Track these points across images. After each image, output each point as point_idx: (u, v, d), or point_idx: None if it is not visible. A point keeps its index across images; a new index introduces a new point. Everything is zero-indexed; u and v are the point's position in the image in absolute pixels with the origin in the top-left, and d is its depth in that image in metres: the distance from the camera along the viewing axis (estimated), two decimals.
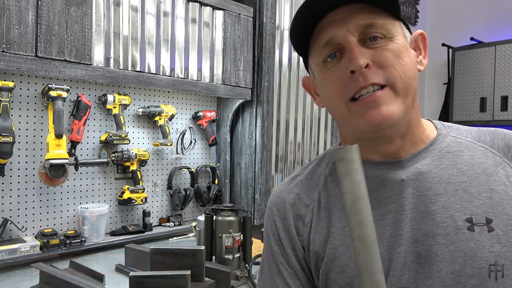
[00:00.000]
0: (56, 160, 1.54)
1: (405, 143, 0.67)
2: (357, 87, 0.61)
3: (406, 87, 0.62)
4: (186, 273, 1.09)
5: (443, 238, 0.60)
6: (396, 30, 0.64)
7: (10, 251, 1.44)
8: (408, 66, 0.63)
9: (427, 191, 0.63)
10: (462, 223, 0.60)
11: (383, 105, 0.60)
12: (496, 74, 3.21)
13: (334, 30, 0.63)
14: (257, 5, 2.14)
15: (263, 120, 2.16)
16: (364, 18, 0.62)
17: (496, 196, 0.61)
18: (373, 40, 0.62)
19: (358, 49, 0.61)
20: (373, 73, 0.61)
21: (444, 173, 0.64)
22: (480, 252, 0.58)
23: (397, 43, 0.63)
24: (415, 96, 0.66)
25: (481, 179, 0.63)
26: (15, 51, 1.34)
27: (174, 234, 1.96)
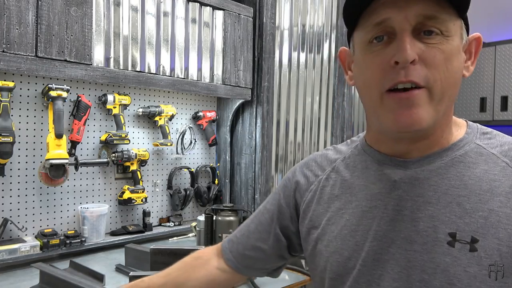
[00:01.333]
0: (56, 160, 1.54)
1: (421, 146, 0.64)
2: (395, 79, 0.58)
3: (442, 93, 0.59)
4: None
5: (420, 246, 0.60)
6: (455, 30, 0.60)
7: (10, 251, 1.44)
8: (453, 71, 0.59)
9: (417, 197, 0.62)
10: (444, 236, 0.58)
11: (416, 107, 0.58)
12: (496, 74, 3.21)
13: (391, 13, 0.58)
14: (257, 5, 2.14)
15: (263, 120, 2.16)
16: (427, 8, 0.57)
17: (493, 218, 0.57)
18: (428, 34, 0.58)
19: (410, 40, 0.57)
20: (416, 70, 0.57)
21: (444, 182, 0.62)
22: (453, 268, 0.57)
23: (451, 44, 0.59)
24: (450, 103, 0.62)
25: (483, 196, 0.59)
26: (15, 51, 1.34)
27: (174, 234, 1.96)
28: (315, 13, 2.45)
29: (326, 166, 0.77)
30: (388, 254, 0.62)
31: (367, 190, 0.68)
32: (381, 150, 0.69)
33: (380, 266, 0.63)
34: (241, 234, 0.86)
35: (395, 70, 0.58)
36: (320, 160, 0.79)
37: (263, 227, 0.83)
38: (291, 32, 2.32)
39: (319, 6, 2.47)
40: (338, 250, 0.68)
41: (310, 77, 2.45)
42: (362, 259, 0.65)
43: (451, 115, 0.65)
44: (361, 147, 0.74)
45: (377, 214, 0.65)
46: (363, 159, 0.71)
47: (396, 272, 0.61)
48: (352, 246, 0.66)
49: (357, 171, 0.71)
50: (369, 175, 0.69)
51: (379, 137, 0.69)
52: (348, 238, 0.67)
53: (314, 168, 0.79)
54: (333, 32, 2.54)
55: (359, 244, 0.66)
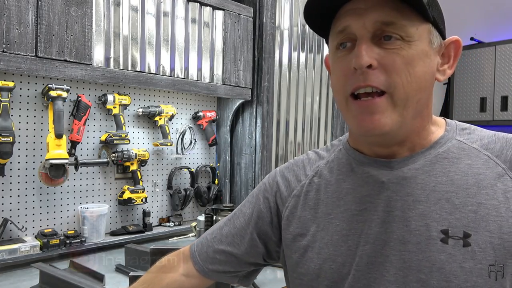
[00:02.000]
0: (56, 160, 1.54)
1: (401, 148, 0.65)
2: (355, 84, 0.60)
3: (406, 98, 0.59)
4: None
5: (414, 246, 0.60)
6: (419, 34, 0.59)
7: (10, 251, 1.44)
8: (417, 75, 0.59)
9: (407, 197, 0.62)
10: (436, 234, 0.59)
11: (377, 113, 0.59)
12: (496, 74, 3.21)
13: (351, 20, 0.60)
14: (257, 5, 2.14)
15: (263, 120, 2.16)
16: (384, 15, 0.58)
17: (483, 211, 0.58)
18: (387, 40, 0.58)
19: (366, 46, 0.58)
20: (375, 75, 0.58)
21: (431, 180, 0.62)
22: (449, 265, 0.57)
23: (413, 49, 0.59)
24: (421, 107, 0.62)
25: (470, 190, 0.60)
26: (15, 51, 1.34)
27: (174, 234, 1.96)
28: None
29: (309, 171, 0.75)
30: (382, 256, 0.62)
31: (355, 193, 0.67)
32: (364, 152, 0.69)
33: (375, 269, 0.62)
34: (212, 237, 0.81)
35: (356, 75, 0.59)
36: (302, 164, 0.78)
37: (237, 231, 0.79)
38: (291, 32, 2.32)
39: None
40: (331, 256, 0.67)
41: (310, 77, 2.45)
42: (356, 263, 0.64)
43: (426, 118, 0.65)
44: (345, 150, 0.73)
45: (368, 217, 0.64)
46: (347, 162, 0.71)
47: (392, 274, 0.61)
48: (345, 252, 0.65)
49: (342, 175, 0.71)
50: (355, 178, 0.68)
51: (360, 139, 0.70)
52: (340, 244, 0.66)
53: (296, 172, 0.77)
54: None
55: (352, 249, 0.65)
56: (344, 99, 0.63)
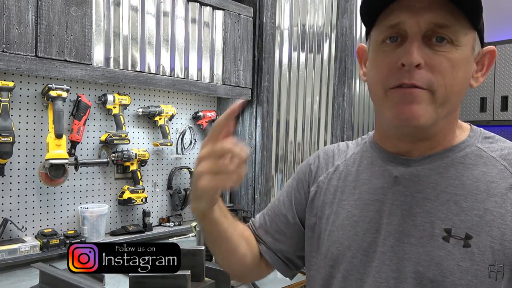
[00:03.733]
0: (56, 160, 1.54)
1: (423, 146, 0.68)
2: (400, 80, 0.61)
3: (445, 99, 0.61)
4: (186, 273, 1.09)
5: (416, 239, 0.63)
6: (466, 40, 0.61)
7: (10, 251, 1.44)
8: (458, 80, 0.61)
9: (417, 193, 0.65)
10: (439, 231, 0.62)
11: (416, 103, 0.60)
12: (496, 74, 3.21)
13: (405, 16, 0.60)
14: (257, 5, 2.14)
15: (263, 120, 2.16)
16: (440, 16, 0.59)
17: (488, 217, 0.60)
18: (439, 41, 0.60)
19: (418, 45, 0.59)
20: (420, 74, 0.60)
21: (443, 181, 0.65)
22: (447, 262, 0.60)
23: (460, 54, 0.60)
24: (453, 109, 0.65)
25: (479, 196, 0.62)
26: (15, 51, 1.34)
27: (174, 234, 1.96)
28: (315, 13, 2.44)
29: (337, 160, 0.80)
30: (386, 246, 0.65)
31: (370, 184, 0.71)
32: (386, 148, 0.72)
33: (377, 257, 0.66)
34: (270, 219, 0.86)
35: (401, 71, 0.60)
36: (332, 153, 0.83)
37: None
38: (291, 32, 2.32)
39: (319, 6, 2.47)
40: (339, 239, 0.71)
41: (310, 77, 2.45)
42: (362, 249, 0.68)
43: (455, 120, 0.68)
44: (369, 144, 0.77)
45: (379, 207, 0.68)
46: (369, 155, 0.75)
47: (394, 263, 0.64)
48: (352, 236, 0.69)
49: (362, 166, 0.75)
50: (373, 171, 0.72)
51: (385, 135, 0.73)
52: (349, 229, 0.70)
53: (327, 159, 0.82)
54: (333, 32, 2.54)
55: (359, 235, 0.69)
56: (383, 91, 0.64)
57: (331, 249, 0.72)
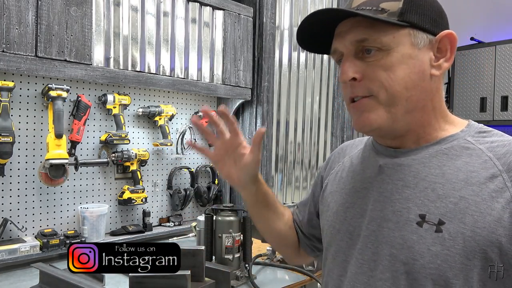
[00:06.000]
0: (56, 160, 1.54)
1: (406, 140, 0.71)
2: (348, 95, 0.70)
3: (391, 98, 0.66)
4: (186, 273, 1.09)
5: (393, 224, 0.67)
6: (397, 41, 0.65)
7: (10, 251, 1.44)
8: (399, 78, 0.65)
9: (398, 181, 0.69)
10: (414, 217, 0.65)
11: (365, 112, 0.68)
12: (496, 74, 3.21)
13: (336, 43, 0.70)
14: (257, 5, 2.14)
15: (263, 120, 2.16)
16: (358, 33, 0.66)
17: (462, 204, 0.62)
18: (368, 53, 0.66)
19: (348, 62, 0.67)
20: (359, 86, 0.67)
21: (424, 170, 0.68)
22: (418, 246, 0.63)
23: (393, 56, 0.65)
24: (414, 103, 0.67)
25: (457, 184, 0.64)
26: (15, 51, 1.34)
27: (174, 234, 1.96)
28: None
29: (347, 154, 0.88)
30: (368, 230, 0.71)
31: (362, 173, 0.78)
32: (380, 142, 0.77)
33: (360, 240, 0.72)
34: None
35: (347, 87, 0.70)
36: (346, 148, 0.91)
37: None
38: (291, 32, 2.32)
39: (319, 6, 2.47)
40: (332, 223, 0.79)
41: (310, 77, 2.45)
42: (349, 232, 0.75)
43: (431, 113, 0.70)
44: (370, 141, 0.83)
45: (366, 194, 0.74)
46: (368, 149, 0.81)
47: (374, 247, 0.69)
48: (342, 221, 0.77)
49: (360, 159, 0.81)
50: (366, 162, 0.79)
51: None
52: (341, 214, 0.78)
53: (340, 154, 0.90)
54: None
55: (347, 219, 0.76)
56: (348, 105, 0.73)
57: (327, 233, 0.80)
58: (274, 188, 2.30)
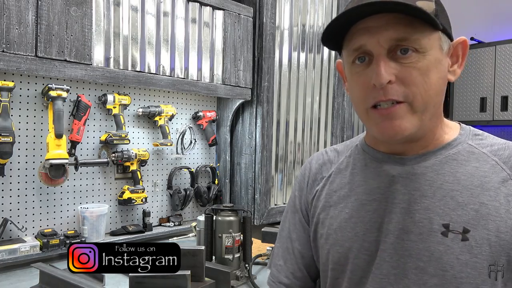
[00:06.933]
0: (56, 160, 1.54)
1: (415, 145, 0.70)
2: (376, 99, 0.64)
3: (425, 105, 0.63)
4: (186, 273, 1.09)
5: (416, 236, 0.65)
6: (431, 44, 0.63)
7: (10, 251, 1.44)
8: (433, 83, 0.63)
9: (414, 191, 0.67)
10: (438, 227, 0.63)
11: (397, 119, 0.63)
12: (496, 74, 3.21)
13: (365, 39, 0.63)
14: (257, 5, 2.14)
15: (263, 120, 2.16)
16: (397, 32, 0.61)
17: (484, 210, 0.62)
18: (404, 53, 0.62)
19: (384, 63, 0.62)
20: (394, 89, 0.62)
21: (439, 178, 0.66)
22: (447, 256, 0.62)
23: (427, 59, 0.62)
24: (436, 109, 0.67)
25: (474, 191, 0.64)
26: (15, 51, 1.34)
27: (174, 234, 1.96)
28: (315, 13, 2.44)
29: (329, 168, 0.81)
30: (386, 243, 0.67)
31: (366, 185, 0.73)
32: (379, 149, 0.74)
33: (378, 254, 0.68)
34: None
35: (376, 90, 0.63)
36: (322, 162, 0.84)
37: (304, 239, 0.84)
38: (291, 32, 2.32)
39: (319, 6, 2.47)
40: (338, 242, 0.73)
41: (310, 77, 2.45)
42: (364, 248, 0.70)
43: (439, 118, 0.70)
44: (361, 147, 0.79)
45: (377, 207, 0.70)
46: (362, 158, 0.76)
47: (394, 260, 0.66)
48: (352, 237, 0.71)
49: (356, 169, 0.77)
50: (368, 172, 0.74)
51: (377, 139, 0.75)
52: (348, 230, 0.72)
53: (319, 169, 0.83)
54: None
55: (358, 235, 0.71)
56: (364, 110, 0.67)
57: (331, 252, 0.74)
58: (274, 188, 2.30)
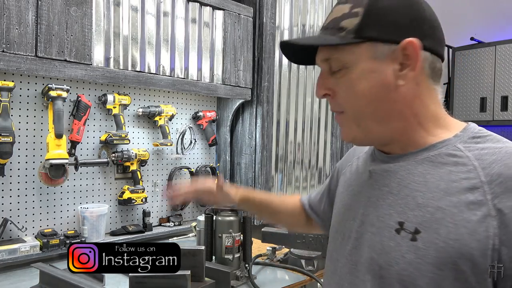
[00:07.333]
0: (56, 160, 1.54)
1: (393, 147, 0.73)
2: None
3: (358, 113, 0.69)
4: (186, 273, 1.09)
5: (375, 229, 0.69)
6: (356, 57, 0.66)
7: (10, 251, 1.44)
8: (362, 93, 0.67)
9: (383, 187, 0.71)
10: (394, 223, 0.66)
11: (343, 127, 0.73)
12: (496, 74, 3.21)
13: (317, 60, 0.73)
14: (257, 5, 2.14)
15: (263, 120, 2.16)
16: (323, 53, 0.70)
17: (439, 215, 0.62)
18: (336, 69, 0.69)
19: (321, 79, 0.72)
20: (333, 102, 0.72)
21: (409, 177, 0.68)
22: (394, 252, 0.65)
23: (354, 72, 0.67)
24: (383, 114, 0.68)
25: (437, 194, 0.63)
26: (15, 51, 1.34)
27: (174, 234, 1.96)
28: (315, 13, 2.44)
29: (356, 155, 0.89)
30: (357, 233, 0.73)
31: (359, 178, 0.80)
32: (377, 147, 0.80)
33: (351, 242, 0.75)
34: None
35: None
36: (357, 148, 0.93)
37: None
38: (291, 32, 2.32)
39: (319, 6, 2.47)
40: (334, 224, 0.83)
41: (310, 77, 2.45)
42: (342, 233, 0.78)
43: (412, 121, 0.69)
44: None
45: (359, 199, 0.76)
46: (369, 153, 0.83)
47: (355, 246, 0.73)
48: (340, 222, 0.80)
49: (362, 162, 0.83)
50: (364, 166, 0.80)
51: None
52: (340, 215, 0.81)
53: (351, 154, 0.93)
54: None
55: (343, 221, 0.79)
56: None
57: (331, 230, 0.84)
58: (274, 188, 2.30)
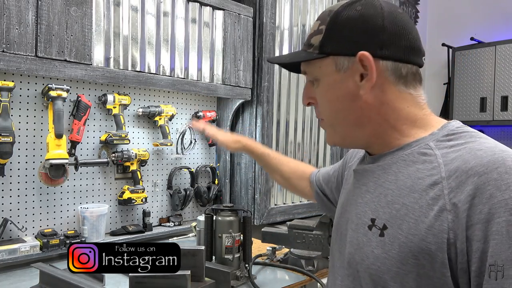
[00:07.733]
0: (56, 160, 1.54)
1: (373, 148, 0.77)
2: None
3: (332, 120, 0.76)
4: (186, 273, 1.09)
5: (354, 226, 0.74)
6: (323, 71, 0.73)
7: (10, 251, 1.44)
8: (332, 101, 0.74)
9: (362, 186, 0.76)
10: (367, 220, 0.70)
11: (326, 132, 0.80)
12: (496, 74, 3.21)
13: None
14: (257, 5, 2.14)
15: (263, 120, 2.16)
16: (302, 67, 0.79)
17: (403, 211, 0.65)
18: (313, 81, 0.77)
19: (305, 90, 0.80)
20: (316, 109, 0.79)
21: (384, 176, 0.71)
22: (366, 248, 0.69)
23: (322, 84, 0.74)
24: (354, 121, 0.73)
25: (403, 191, 0.66)
26: (15, 51, 1.34)
27: (174, 234, 1.96)
28: (315, 13, 2.44)
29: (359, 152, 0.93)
30: (345, 230, 0.78)
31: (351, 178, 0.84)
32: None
33: (339, 237, 0.81)
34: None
35: None
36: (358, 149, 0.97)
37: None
38: (291, 32, 2.32)
39: (319, 6, 2.47)
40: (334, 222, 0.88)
41: None
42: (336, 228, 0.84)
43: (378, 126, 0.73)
44: None
45: (348, 197, 0.81)
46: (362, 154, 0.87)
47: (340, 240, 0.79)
48: (337, 219, 0.85)
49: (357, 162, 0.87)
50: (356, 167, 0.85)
51: None
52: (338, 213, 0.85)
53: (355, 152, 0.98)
54: None
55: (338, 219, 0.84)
56: None
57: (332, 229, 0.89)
58: (274, 188, 2.30)
